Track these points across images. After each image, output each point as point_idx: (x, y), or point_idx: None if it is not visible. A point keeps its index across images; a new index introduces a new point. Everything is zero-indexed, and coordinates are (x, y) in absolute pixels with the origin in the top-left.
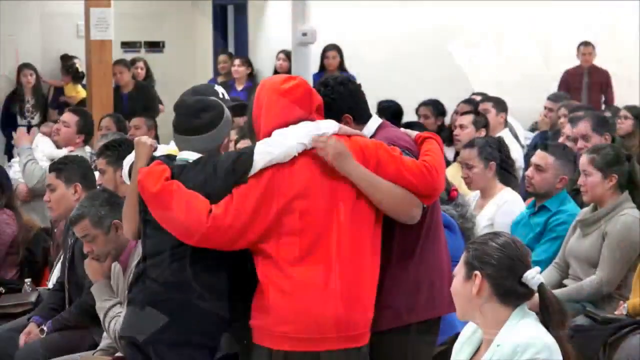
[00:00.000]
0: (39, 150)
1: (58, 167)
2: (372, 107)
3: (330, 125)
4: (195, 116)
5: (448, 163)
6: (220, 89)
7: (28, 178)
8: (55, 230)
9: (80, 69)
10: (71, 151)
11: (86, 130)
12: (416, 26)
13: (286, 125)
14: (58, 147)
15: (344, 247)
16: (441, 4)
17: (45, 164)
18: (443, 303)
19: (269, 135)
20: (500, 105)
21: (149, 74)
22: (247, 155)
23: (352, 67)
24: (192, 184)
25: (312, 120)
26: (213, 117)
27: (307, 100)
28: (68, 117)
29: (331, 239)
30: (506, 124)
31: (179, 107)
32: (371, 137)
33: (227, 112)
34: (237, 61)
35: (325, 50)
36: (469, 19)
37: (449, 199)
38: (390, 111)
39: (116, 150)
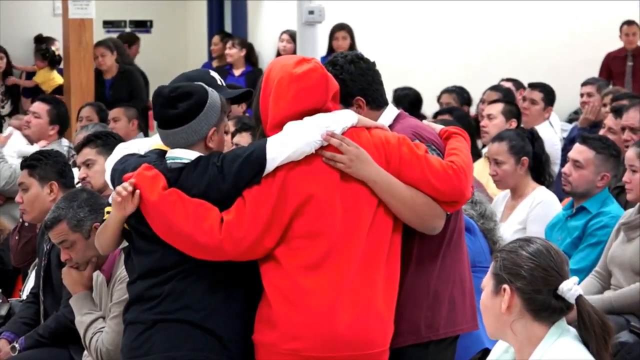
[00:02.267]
0: (8, 145)
1: (31, 163)
2: (388, 96)
3: (348, 118)
4: (172, 106)
5: (478, 157)
6: (217, 76)
7: None
8: (16, 237)
9: (57, 53)
10: (44, 146)
11: (60, 120)
12: (436, 6)
13: (297, 115)
14: (30, 142)
15: (361, 256)
16: None
17: (16, 162)
18: (465, 319)
19: (277, 126)
20: (550, 97)
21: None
22: (258, 154)
23: (364, 50)
24: (196, 190)
25: (328, 109)
26: (192, 106)
27: (323, 87)
28: (38, 107)
29: (347, 246)
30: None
31: (155, 98)
32: (389, 128)
33: (212, 99)
34: (228, 43)
35: (334, 30)
36: None
37: None
38: (408, 100)
39: (107, 139)
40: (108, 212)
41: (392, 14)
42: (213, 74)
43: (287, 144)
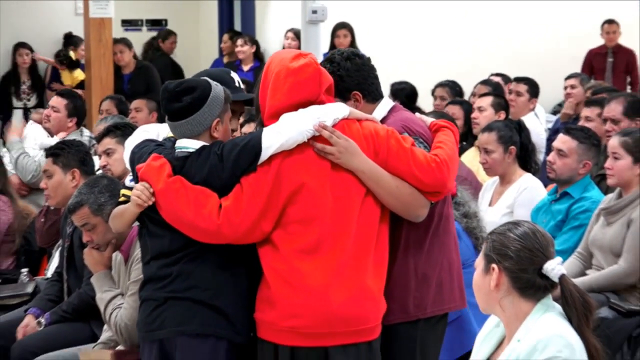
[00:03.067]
0: (30, 138)
1: (55, 152)
2: (385, 90)
3: (340, 110)
4: (177, 100)
5: (465, 149)
6: (236, 78)
7: (22, 173)
8: (42, 220)
9: (75, 57)
10: (64, 137)
11: (77, 112)
12: (432, 6)
13: (293, 107)
14: (51, 134)
15: (352, 241)
16: None
17: (38, 154)
18: (453, 299)
19: (273, 116)
20: (534, 89)
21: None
22: (254, 143)
23: (364, 47)
24: (198, 178)
25: (322, 102)
26: (195, 99)
27: (317, 81)
28: (56, 101)
29: (339, 232)
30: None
31: (162, 92)
32: (382, 119)
33: (215, 92)
34: (239, 40)
35: (336, 28)
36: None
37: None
38: (404, 93)
39: (125, 129)
40: (124, 195)
41: (390, 13)
42: (233, 75)
43: (281, 133)
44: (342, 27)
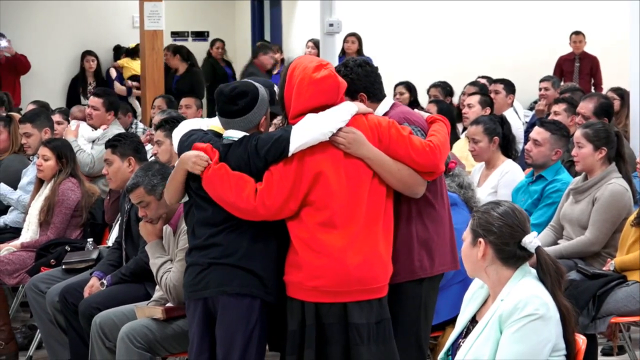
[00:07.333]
0: (78, 135)
1: (113, 143)
2: (388, 88)
3: (350, 109)
4: (233, 103)
5: (457, 138)
6: (277, 91)
7: (80, 166)
8: (108, 198)
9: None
10: (105, 129)
11: (113, 107)
12: (429, 20)
13: (313, 109)
14: (95, 128)
15: (364, 215)
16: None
17: (88, 147)
18: (447, 261)
19: (297, 116)
20: (510, 87)
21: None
22: (283, 139)
23: (371, 51)
24: (238, 162)
25: (337, 103)
26: (247, 103)
27: (335, 91)
28: (94, 101)
29: (353, 208)
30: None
31: (218, 95)
32: (385, 114)
33: (262, 96)
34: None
35: (346, 36)
36: (476, 14)
37: (447, 170)
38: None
39: (173, 124)
40: None
41: (393, 25)
42: (276, 88)
43: (306, 135)
44: (351, 35)
